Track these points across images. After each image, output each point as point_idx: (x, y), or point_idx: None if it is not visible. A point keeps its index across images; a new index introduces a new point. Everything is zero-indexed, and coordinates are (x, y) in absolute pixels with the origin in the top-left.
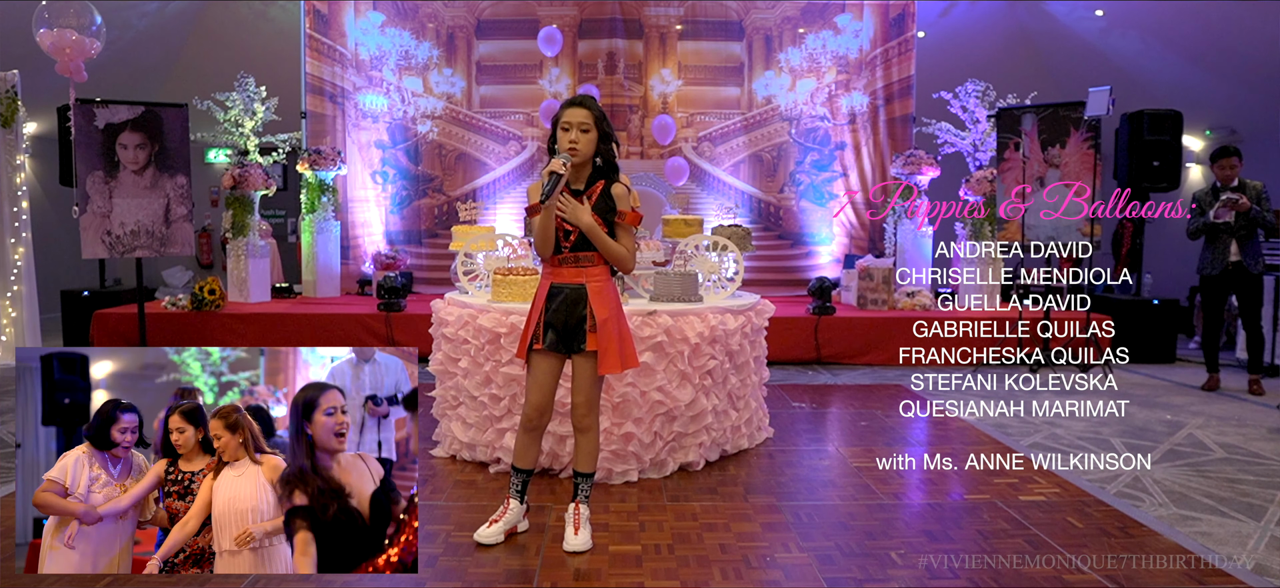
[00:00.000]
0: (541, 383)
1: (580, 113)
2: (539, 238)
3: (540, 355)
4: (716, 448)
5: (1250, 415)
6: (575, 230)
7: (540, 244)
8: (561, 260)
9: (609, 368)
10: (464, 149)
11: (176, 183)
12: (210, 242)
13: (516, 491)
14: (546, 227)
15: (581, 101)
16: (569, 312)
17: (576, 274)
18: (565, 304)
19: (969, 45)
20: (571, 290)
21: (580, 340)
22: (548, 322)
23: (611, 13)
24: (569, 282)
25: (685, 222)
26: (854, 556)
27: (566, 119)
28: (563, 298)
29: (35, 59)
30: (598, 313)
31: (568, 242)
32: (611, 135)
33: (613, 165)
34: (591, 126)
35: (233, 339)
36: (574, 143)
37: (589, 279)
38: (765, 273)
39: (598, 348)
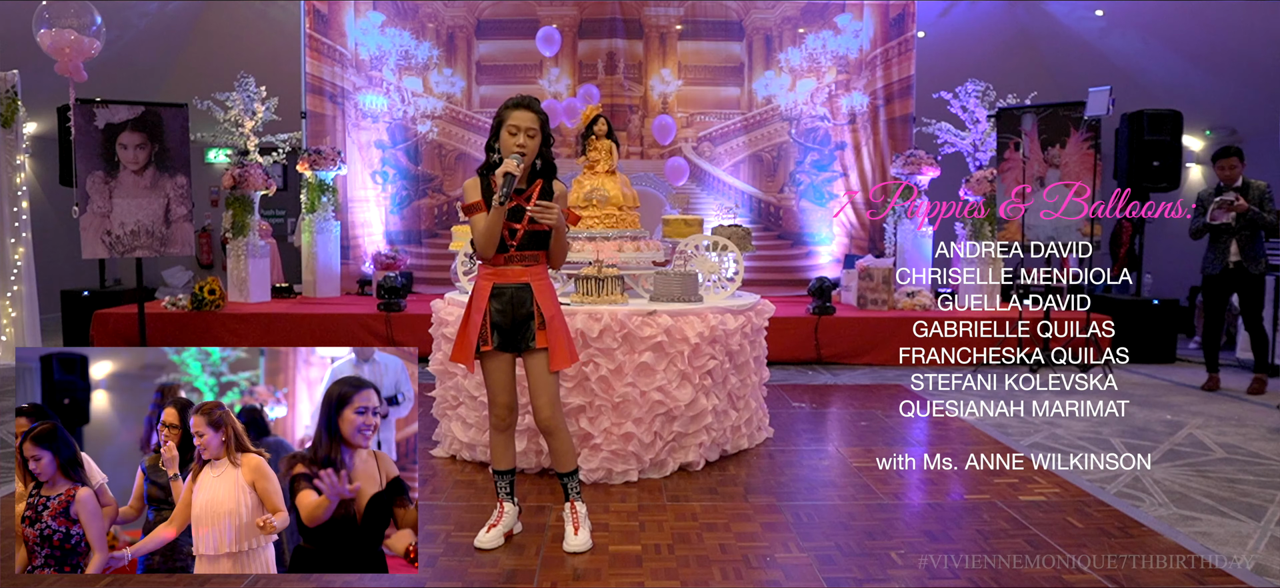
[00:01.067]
0: (502, 383)
1: (529, 117)
2: (484, 238)
3: (492, 357)
4: (716, 448)
5: (1250, 415)
6: (521, 230)
7: (485, 244)
8: (508, 260)
9: (561, 363)
10: (464, 149)
11: (176, 183)
12: (210, 242)
13: (506, 492)
14: (494, 226)
15: (529, 104)
16: (515, 311)
17: (521, 273)
18: (510, 303)
19: (969, 45)
20: (515, 289)
21: (528, 339)
22: (494, 322)
23: (611, 13)
24: (513, 281)
25: (685, 222)
26: (854, 556)
27: (515, 121)
28: (507, 298)
29: (35, 59)
30: (545, 310)
31: (514, 241)
32: (552, 139)
33: (551, 167)
34: (537, 131)
35: (233, 339)
36: (523, 147)
37: (534, 278)
38: (765, 273)
39: (547, 345)
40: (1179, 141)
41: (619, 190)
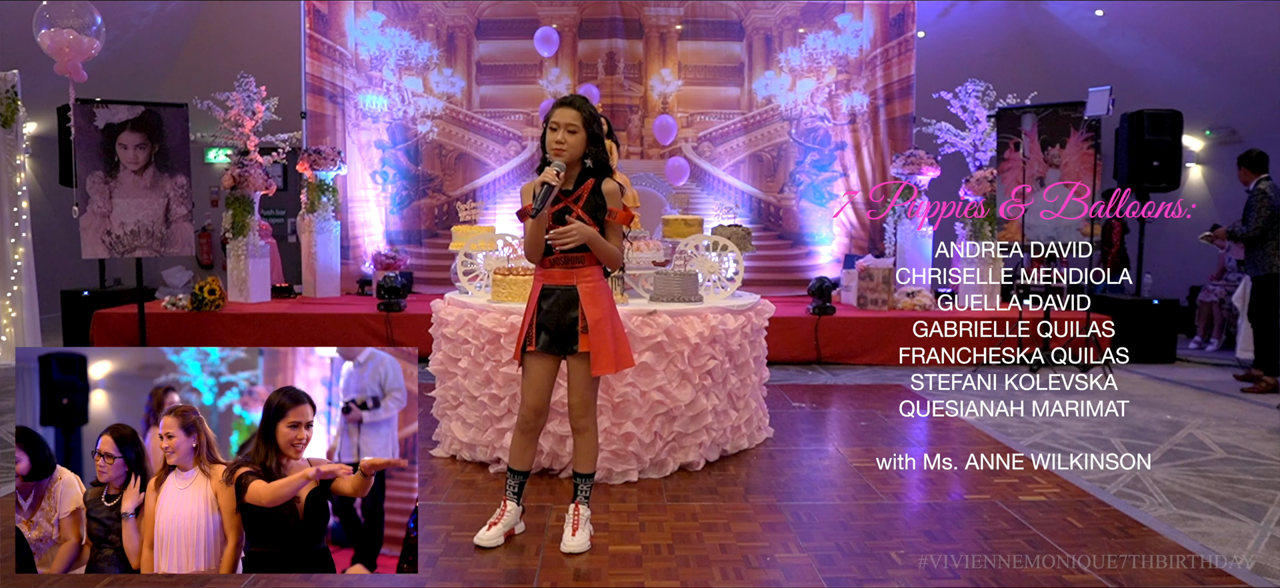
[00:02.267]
0: (537, 385)
1: (569, 113)
2: (529, 244)
3: (535, 357)
4: (716, 448)
5: (1250, 416)
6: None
7: (530, 250)
8: (552, 263)
9: (602, 369)
10: (464, 149)
11: (176, 183)
12: (210, 242)
13: (513, 492)
14: (537, 234)
15: (571, 102)
16: (561, 314)
17: (567, 276)
18: (557, 306)
19: (969, 45)
20: (562, 292)
21: (573, 342)
22: (540, 324)
23: (611, 13)
24: (560, 283)
25: (685, 222)
26: (854, 556)
27: (556, 118)
28: (554, 299)
29: (35, 59)
30: (589, 315)
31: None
32: (602, 137)
33: (604, 167)
34: (579, 127)
35: (233, 339)
36: (561, 143)
37: (580, 281)
38: (765, 273)
39: (590, 349)
40: (1179, 142)
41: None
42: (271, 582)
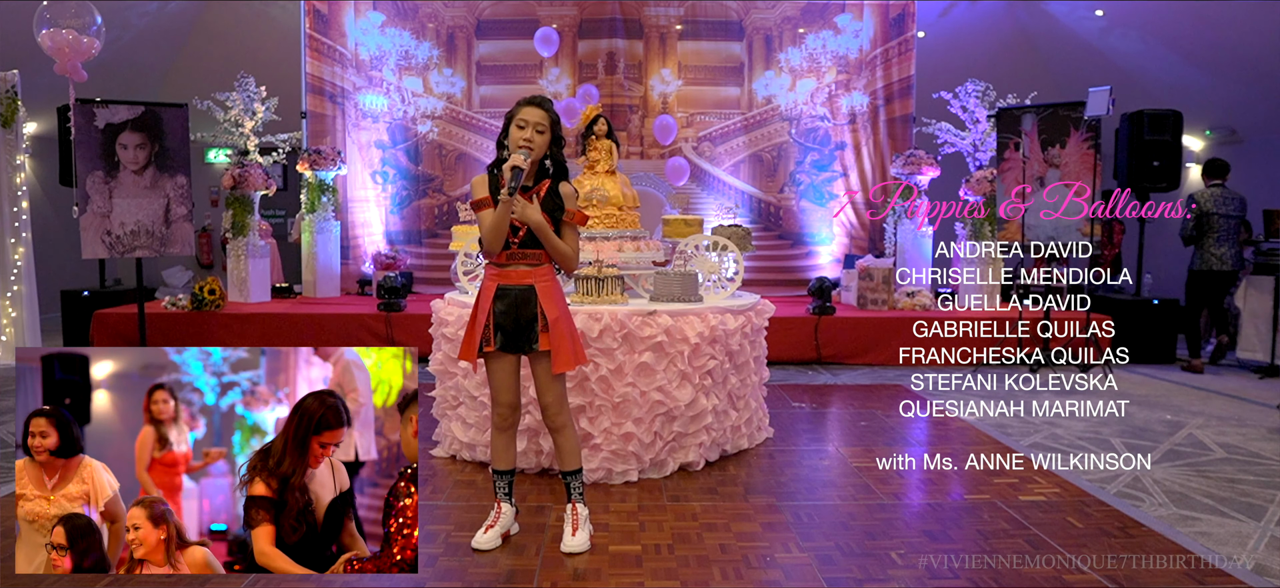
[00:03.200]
0: (505, 383)
1: (538, 113)
2: (491, 233)
3: (495, 357)
4: (716, 448)
5: (1250, 416)
6: (524, 227)
7: (492, 240)
8: (510, 259)
9: (563, 367)
10: (464, 149)
11: (176, 183)
12: (210, 242)
13: (504, 493)
14: (501, 222)
15: (541, 102)
16: (518, 312)
17: (524, 274)
18: (514, 305)
19: (969, 45)
20: (519, 291)
21: (532, 340)
22: (497, 323)
23: (611, 13)
24: (516, 282)
25: (685, 222)
26: (854, 556)
27: (524, 116)
28: (511, 299)
29: (35, 59)
30: (548, 312)
31: (516, 237)
32: (563, 141)
33: (562, 168)
34: (547, 128)
35: (233, 339)
36: (529, 141)
37: (537, 279)
38: (765, 273)
39: (551, 347)
40: (1179, 142)
41: (619, 190)
42: (271, 582)
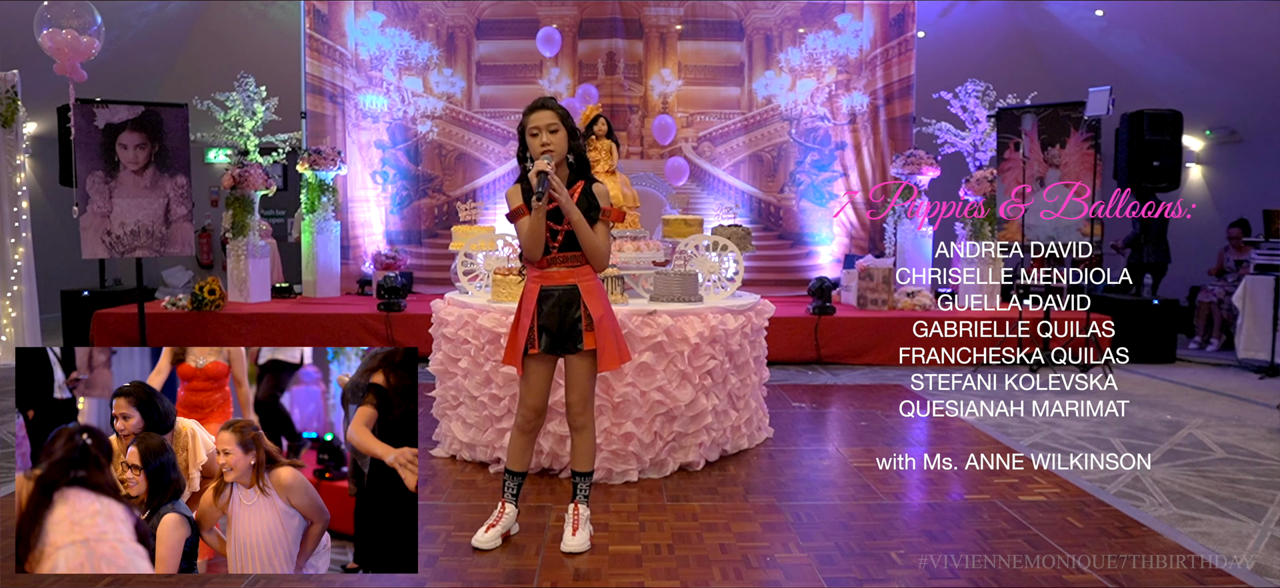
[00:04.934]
0: (538, 387)
1: (545, 115)
2: (529, 240)
3: (536, 360)
4: (716, 448)
5: (1250, 416)
6: (562, 231)
7: (530, 247)
8: (551, 262)
9: (609, 365)
10: (464, 149)
11: (176, 183)
12: (210, 242)
13: (512, 494)
14: (537, 228)
15: (543, 104)
16: (563, 314)
17: (567, 275)
18: (558, 306)
19: (969, 45)
20: (563, 292)
21: (576, 341)
22: (542, 326)
23: (611, 13)
24: (559, 283)
25: (685, 222)
26: (854, 556)
27: (533, 124)
28: (555, 300)
29: (35, 59)
30: (593, 311)
31: (556, 242)
32: (577, 131)
33: (584, 162)
34: (559, 126)
35: (233, 339)
36: (547, 145)
37: (580, 279)
38: (765, 273)
39: (597, 346)
40: (1179, 142)
41: (619, 190)
42: (271, 582)
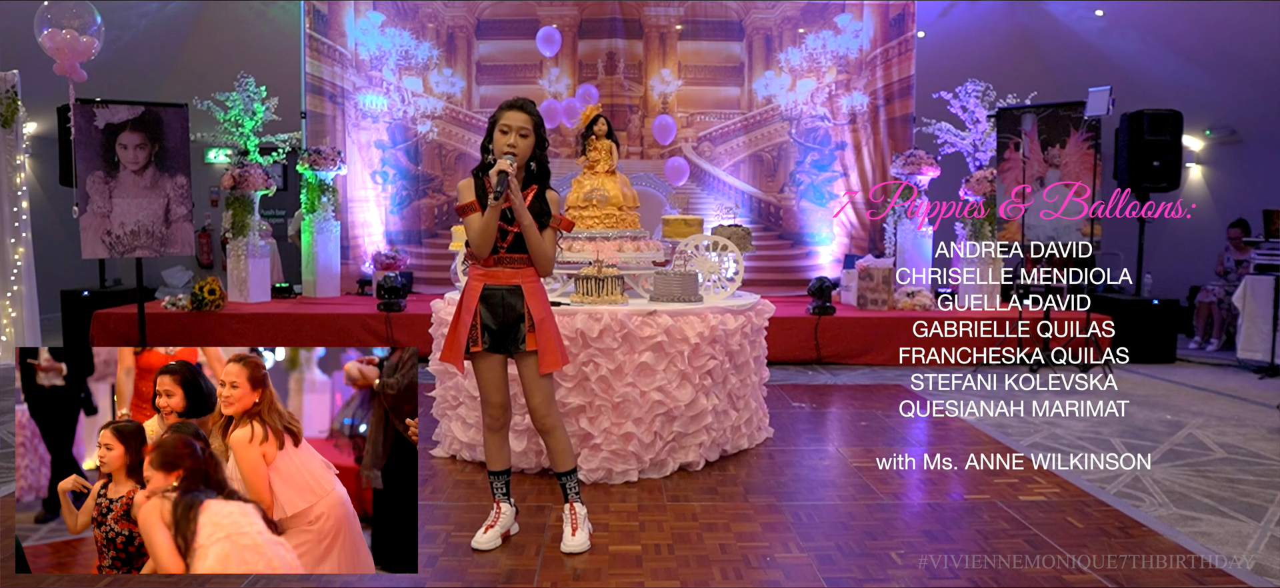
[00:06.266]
0: (495, 383)
1: (521, 117)
2: (480, 237)
3: (483, 358)
4: (716, 448)
5: (1250, 416)
6: (512, 232)
7: (481, 243)
8: (498, 261)
9: (550, 366)
10: (464, 149)
11: (176, 183)
12: (210, 242)
13: (502, 493)
14: (490, 226)
15: (522, 106)
16: (505, 313)
17: (511, 275)
18: (501, 304)
19: (969, 45)
20: (506, 291)
21: (518, 341)
22: (484, 323)
23: (611, 13)
24: (504, 283)
25: (685, 222)
26: (854, 556)
27: (506, 121)
28: (499, 299)
29: (35, 59)
30: (535, 312)
31: (505, 243)
32: (546, 142)
33: (546, 171)
34: (530, 132)
35: (233, 339)
36: (513, 146)
37: (524, 280)
38: (765, 273)
39: (537, 347)
40: (1179, 142)
41: (619, 190)
42: (271, 582)
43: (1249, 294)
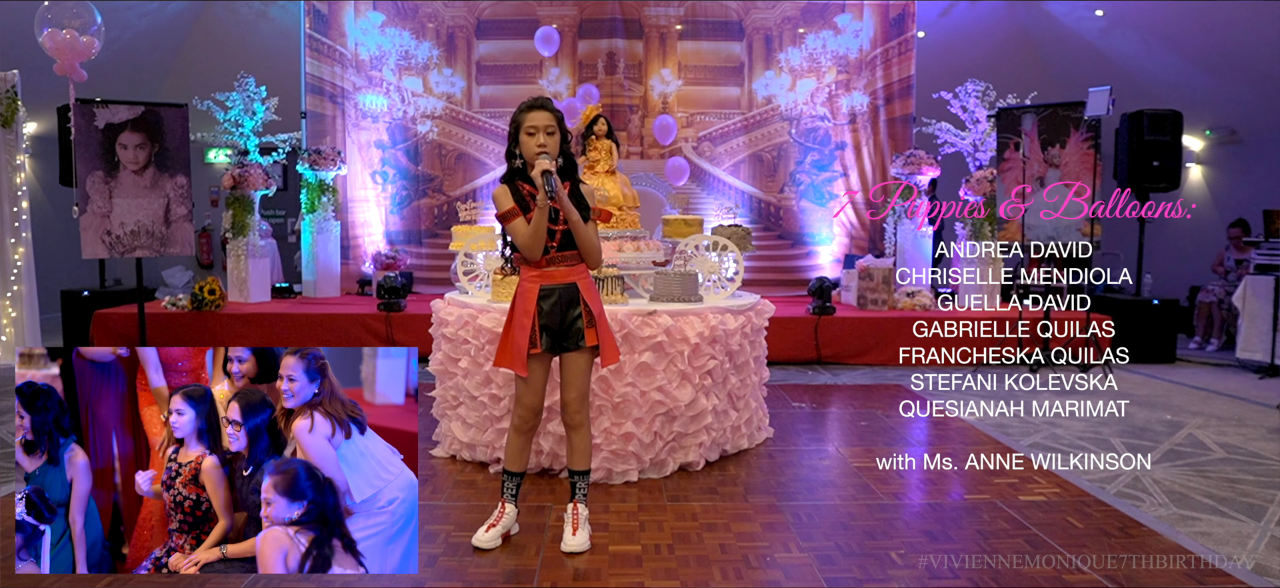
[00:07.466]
0: (537, 387)
1: (545, 116)
2: (532, 239)
3: (535, 360)
4: (716, 448)
5: (1250, 416)
6: (560, 231)
7: (532, 246)
8: (550, 261)
9: (611, 359)
10: (464, 149)
11: (176, 183)
12: (210, 242)
13: (511, 494)
14: (540, 227)
15: (543, 104)
16: (563, 312)
17: (567, 273)
18: (559, 305)
19: (969, 45)
20: (564, 289)
21: (577, 338)
22: (543, 324)
23: (611, 13)
24: (560, 282)
25: (685, 222)
26: (854, 556)
27: (532, 122)
28: (556, 299)
29: (35, 59)
30: (593, 307)
31: (554, 242)
32: (568, 136)
33: (573, 164)
34: (556, 129)
35: (233, 339)
36: (543, 146)
37: (578, 277)
38: (765, 273)
39: (599, 343)
40: (1179, 142)
41: (619, 190)
42: (271, 582)
43: (1249, 294)
